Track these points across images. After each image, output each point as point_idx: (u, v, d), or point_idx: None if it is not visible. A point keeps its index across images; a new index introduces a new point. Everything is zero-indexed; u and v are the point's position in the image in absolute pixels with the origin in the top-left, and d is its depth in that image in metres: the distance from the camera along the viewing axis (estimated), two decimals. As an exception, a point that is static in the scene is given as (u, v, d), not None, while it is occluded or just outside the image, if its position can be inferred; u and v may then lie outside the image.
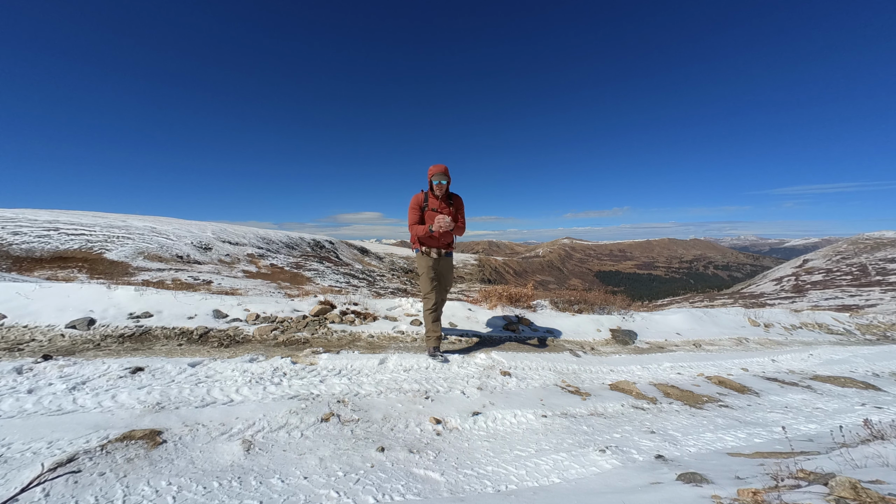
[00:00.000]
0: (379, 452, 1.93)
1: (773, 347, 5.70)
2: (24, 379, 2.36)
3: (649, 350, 4.83)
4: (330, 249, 34.16)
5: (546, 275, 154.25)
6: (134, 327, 3.56)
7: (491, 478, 1.81)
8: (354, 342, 3.83)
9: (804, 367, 4.62)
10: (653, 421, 2.66)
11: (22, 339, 3.19)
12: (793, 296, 41.65)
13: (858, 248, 63.56)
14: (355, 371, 2.92)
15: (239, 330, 3.80)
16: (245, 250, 24.18)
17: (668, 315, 6.28)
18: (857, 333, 7.37)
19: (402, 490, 1.66)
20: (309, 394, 2.49)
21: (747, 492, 1.36)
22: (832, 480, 1.31)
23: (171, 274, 15.25)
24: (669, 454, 2.12)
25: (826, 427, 2.71)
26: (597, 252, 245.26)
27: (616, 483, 1.72)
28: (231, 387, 2.48)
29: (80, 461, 1.63)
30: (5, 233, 16.83)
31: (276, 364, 2.87)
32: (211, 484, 1.58)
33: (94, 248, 17.36)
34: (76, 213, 23.97)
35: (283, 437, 1.99)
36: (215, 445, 1.87)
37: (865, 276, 47.57)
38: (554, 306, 5.94)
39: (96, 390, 2.28)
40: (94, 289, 4.14)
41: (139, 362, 2.73)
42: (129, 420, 2.00)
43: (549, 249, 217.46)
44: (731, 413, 2.95)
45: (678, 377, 3.75)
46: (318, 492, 1.59)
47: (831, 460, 1.73)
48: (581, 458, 2.02)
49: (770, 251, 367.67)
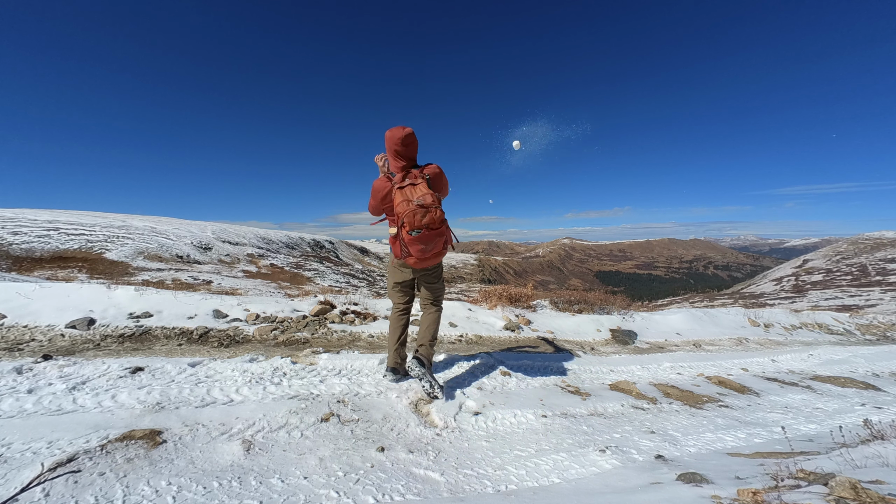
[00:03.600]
0: (379, 452, 1.93)
1: (773, 347, 5.70)
2: (24, 379, 2.36)
3: (649, 350, 4.83)
4: (330, 249, 34.14)
5: (546, 275, 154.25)
6: (134, 327, 3.56)
7: (491, 478, 1.81)
8: (354, 342, 3.83)
9: (804, 368, 4.62)
10: (653, 421, 2.66)
11: (22, 338, 3.19)
12: (793, 296, 41.66)
13: (858, 248, 63.58)
14: (355, 371, 2.91)
15: (239, 330, 3.80)
16: (245, 250, 24.18)
17: (668, 315, 6.29)
18: (857, 333, 7.37)
19: (402, 490, 1.66)
20: (309, 394, 2.49)
21: (747, 492, 1.36)
22: (832, 480, 1.31)
23: (171, 274, 15.26)
24: (669, 454, 2.12)
25: (826, 427, 2.71)
26: (597, 252, 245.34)
27: (616, 483, 1.72)
28: (231, 387, 2.48)
29: (80, 461, 1.63)
30: (5, 233, 16.83)
31: (276, 364, 2.87)
32: (211, 484, 1.58)
33: (94, 248, 17.37)
34: (76, 213, 23.97)
35: (283, 437, 1.99)
36: (215, 445, 1.86)
37: (865, 276, 47.58)
38: (554, 306, 5.94)
39: (96, 390, 2.28)
40: (94, 289, 4.14)
41: (139, 362, 2.73)
42: (129, 420, 2.00)
43: (549, 249, 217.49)
44: (731, 413, 2.95)
45: (678, 377, 3.75)
46: (318, 492, 1.59)
47: (831, 460, 1.73)
48: (581, 458, 2.02)
49: (770, 251, 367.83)
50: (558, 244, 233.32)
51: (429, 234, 2.32)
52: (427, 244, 2.34)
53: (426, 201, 2.28)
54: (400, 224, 2.33)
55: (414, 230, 2.28)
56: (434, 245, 2.38)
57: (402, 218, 2.29)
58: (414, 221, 2.27)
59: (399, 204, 2.30)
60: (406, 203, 2.27)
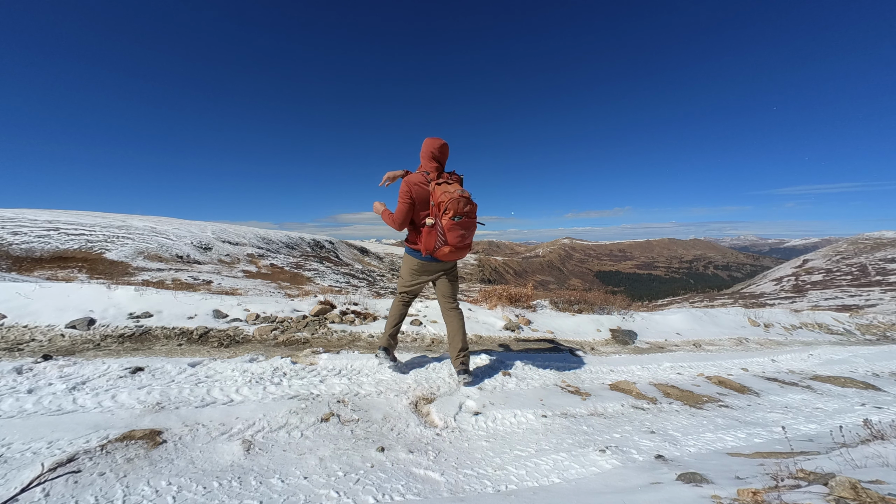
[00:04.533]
0: (379, 452, 1.93)
1: (773, 347, 5.70)
2: (24, 379, 2.36)
3: (649, 350, 4.83)
4: (330, 249, 34.17)
5: (546, 275, 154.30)
6: (134, 327, 3.56)
7: (491, 478, 1.81)
8: (354, 342, 3.83)
9: (804, 367, 4.62)
10: (653, 421, 2.66)
11: (22, 339, 3.19)
12: (793, 296, 41.67)
13: (858, 248, 63.60)
14: (355, 371, 2.91)
15: (239, 330, 3.80)
16: (245, 250, 24.20)
17: (668, 315, 6.29)
18: (857, 333, 7.37)
19: (402, 490, 1.66)
20: (309, 394, 2.49)
21: (747, 492, 1.36)
22: (832, 480, 1.31)
23: (171, 274, 15.27)
24: (669, 454, 2.12)
25: (826, 427, 2.71)
26: (597, 252, 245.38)
27: (616, 483, 1.72)
28: (231, 387, 2.48)
29: (80, 461, 1.63)
30: (5, 233, 16.84)
31: (276, 364, 2.87)
32: (211, 484, 1.58)
33: (94, 248, 17.37)
34: (76, 213, 23.98)
35: (283, 437, 1.99)
36: (215, 445, 1.86)
37: (865, 276, 47.59)
38: (554, 306, 5.94)
39: (96, 390, 2.28)
40: (94, 289, 4.14)
41: (139, 362, 2.73)
42: (129, 420, 2.00)
43: (549, 249, 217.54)
44: (731, 413, 2.95)
45: (678, 377, 3.75)
46: (318, 492, 1.59)
47: (831, 460, 1.73)
48: (581, 458, 2.02)
49: (770, 251, 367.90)
50: (558, 244, 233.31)
51: (469, 222, 2.60)
52: (467, 230, 2.60)
53: (465, 193, 2.57)
54: (442, 211, 2.54)
55: (457, 216, 2.52)
56: (470, 234, 2.65)
57: (446, 205, 2.51)
58: (458, 208, 2.52)
59: (441, 194, 2.54)
60: (447, 194, 2.52)
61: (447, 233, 2.54)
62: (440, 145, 2.70)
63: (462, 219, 2.53)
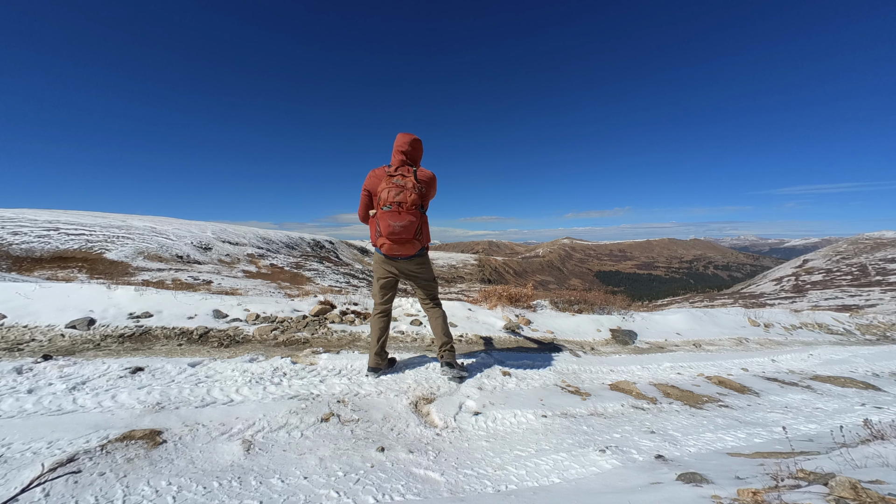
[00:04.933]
0: (379, 452, 1.93)
1: (773, 347, 5.70)
2: (24, 379, 2.36)
3: (649, 350, 4.83)
4: (330, 249, 34.16)
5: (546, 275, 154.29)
6: (134, 327, 3.56)
7: (491, 478, 1.81)
8: (354, 342, 3.83)
9: (804, 367, 4.62)
10: (653, 421, 2.65)
11: (22, 339, 3.19)
12: (793, 296, 41.67)
13: (858, 248, 63.60)
14: (355, 371, 2.91)
15: (239, 330, 3.80)
16: (245, 250, 24.19)
17: (668, 315, 6.28)
18: (857, 333, 7.37)
19: (402, 490, 1.66)
20: (309, 394, 2.49)
21: (747, 492, 1.36)
22: (832, 480, 1.31)
23: (171, 274, 15.27)
24: (669, 454, 2.12)
25: (826, 427, 2.71)
26: (597, 252, 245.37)
27: (616, 483, 1.72)
28: (231, 387, 2.48)
29: (80, 461, 1.63)
30: (5, 233, 16.84)
31: (276, 364, 2.87)
32: (211, 484, 1.58)
33: (94, 248, 17.37)
34: (76, 213, 23.98)
35: (283, 437, 1.99)
36: (215, 445, 1.86)
37: (865, 276, 47.59)
38: (554, 306, 5.94)
39: (96, 390, 2.28)
40: (94, 289, 4.14)
41: (139, 362, 2.73)
42: (129, 420, 2.00)
43: (549, 249, 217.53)
44: (731, 413, 2.95)
45: (678, 377, 3.75)
46: (318, 492, 1.59)
47: (831, 460, 1.73)
48: (581, 458, 2.02)
49: (770, 251, 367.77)
50: (558, 244, 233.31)
51: (399, 212, 2.52)
52: (396, 222, 2.51)
53: (404, 183, 2.53)
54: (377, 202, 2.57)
55: (387, 205, 2.51)
56: (404, 227, 2.53)
57: (379, 194, 2.54)
58: (388, 197, 2.50)
59: (381, 184, 2.57)
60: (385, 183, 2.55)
61: (380, 222, 2.54)
62: (409, 140, 2.67)
63: (391, 208, 2.49)
